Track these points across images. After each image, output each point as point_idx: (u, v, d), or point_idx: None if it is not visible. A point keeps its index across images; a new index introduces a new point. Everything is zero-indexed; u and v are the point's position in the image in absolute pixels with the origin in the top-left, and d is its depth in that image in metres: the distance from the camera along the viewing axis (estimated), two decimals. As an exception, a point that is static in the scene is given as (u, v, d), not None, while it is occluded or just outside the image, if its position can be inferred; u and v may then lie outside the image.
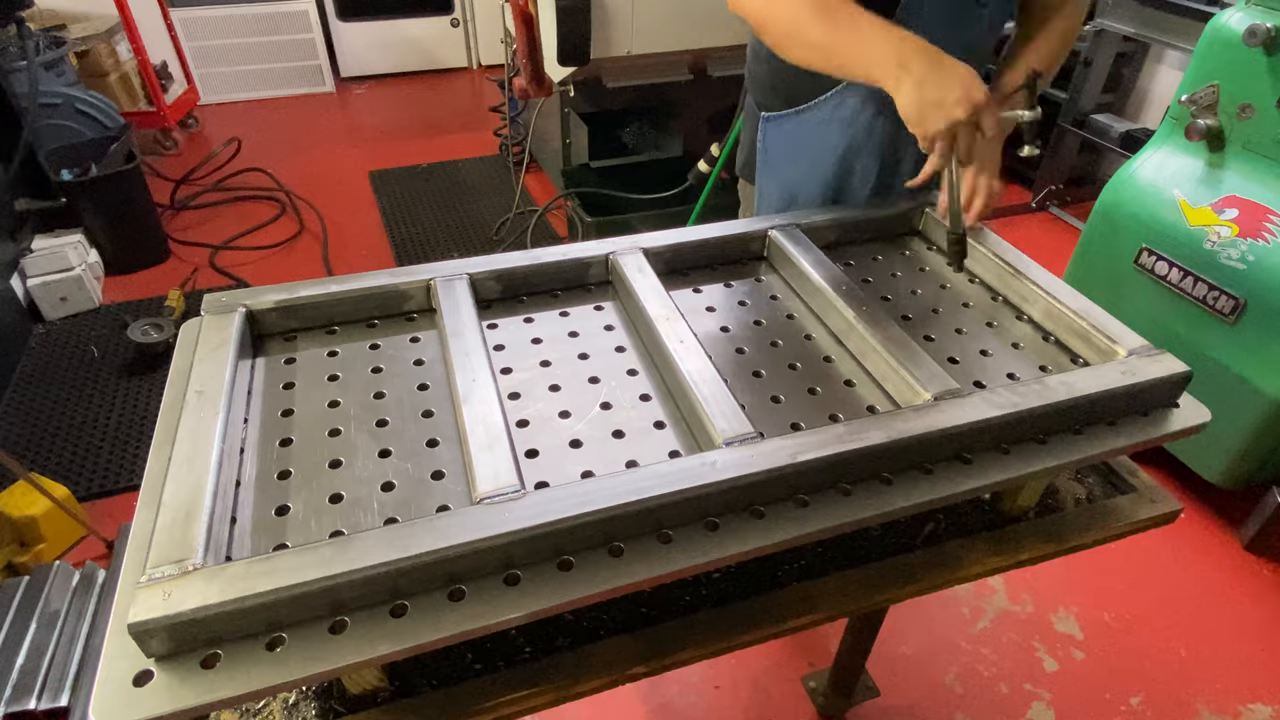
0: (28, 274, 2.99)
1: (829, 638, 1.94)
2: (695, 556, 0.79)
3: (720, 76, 3.34)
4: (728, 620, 0.93)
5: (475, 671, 0.86)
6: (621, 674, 0.87)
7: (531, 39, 3.12)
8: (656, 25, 3.04)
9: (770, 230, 1.28)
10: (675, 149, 3.67)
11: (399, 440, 0.94)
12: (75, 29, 4.00)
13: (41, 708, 1.56)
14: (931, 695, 1.89)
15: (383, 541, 0.73)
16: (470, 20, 5.54)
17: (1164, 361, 1.00)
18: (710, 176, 3.09)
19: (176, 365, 0.98)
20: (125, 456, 2.49)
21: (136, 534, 0.77)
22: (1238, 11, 2.06)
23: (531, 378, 1.05)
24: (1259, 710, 1.88)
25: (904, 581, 0.98)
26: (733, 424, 0.88)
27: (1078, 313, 1.10)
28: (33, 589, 1.79)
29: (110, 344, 2.95)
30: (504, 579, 0.76)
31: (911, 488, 0.87)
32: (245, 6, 4.83)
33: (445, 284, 1.12)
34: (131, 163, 3.30)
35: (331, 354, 1.08)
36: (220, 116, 4.91)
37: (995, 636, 2.02)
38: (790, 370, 1.08)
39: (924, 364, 0.98)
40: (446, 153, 4.50)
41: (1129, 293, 2.32)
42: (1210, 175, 2.15)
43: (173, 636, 0.67)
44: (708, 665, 1.91)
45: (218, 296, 1.07)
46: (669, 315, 1.06)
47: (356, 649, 0.69)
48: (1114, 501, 1.11)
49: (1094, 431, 0.96)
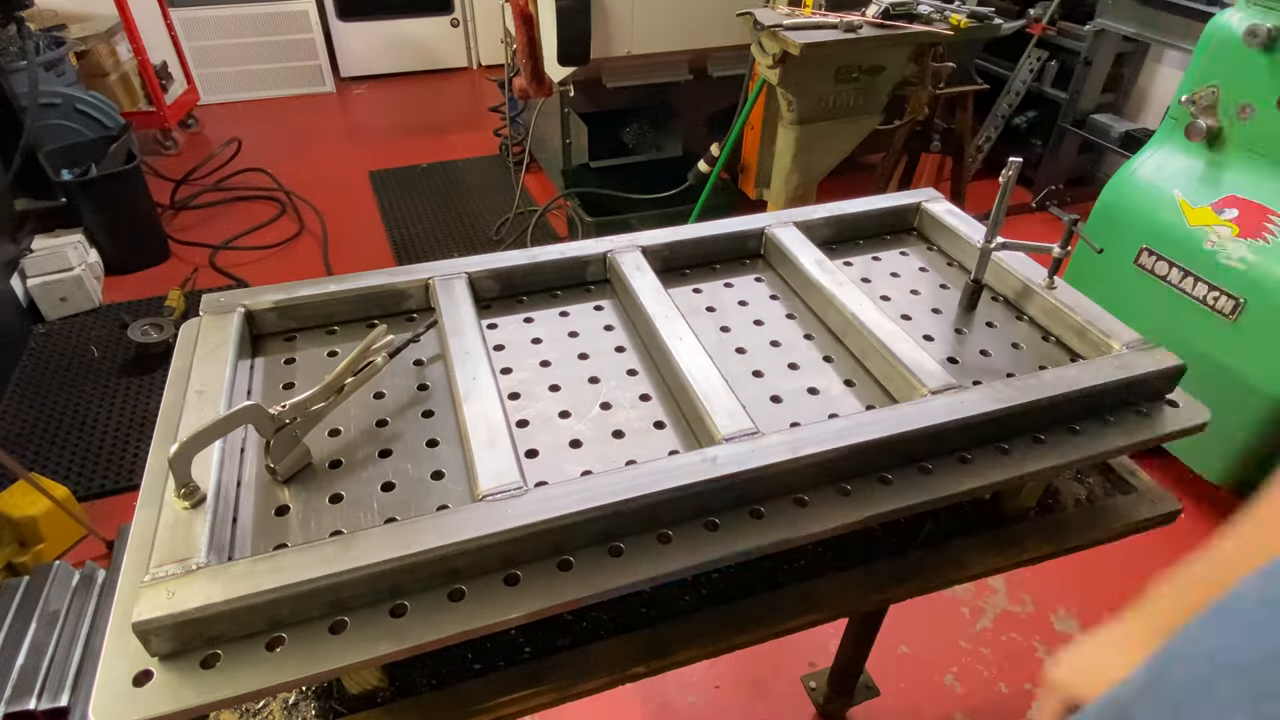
0: (28, 274, 2.99)
1: (829, 638, 1.94)
2: (695, 556, 0.79)
3: (720, 76, 3.34)
4: (728, 620, 0.93)
5: (475, 671, 0.86)
6: (621, 674, 0.87)
7: (531, 39, 3.12)
8: (656, 25, 3.04)
9: (767, 228, 1.28)
10: (675, 149, 3.67)
11: (399, 440, 0.94)
12: (75, 29, 4.00)
13: (41, 708, 1.56)
14: (931, 695, 1.89)
15: (386, 539, 0.73)
16: (470, 20, 5.54)
17: (1158, 355, 1.00)
18: (710, 176, 3.09)
19: (176, 365, 0.98)
20: (125, 456, 2.49)
21: (137, 534, 0.77)
22: (1238, 12, 2.06)
23: (531, 378, 1.05)
24: (1259, 710, 1.88)
25: (904, 581, 0.98)
26: (733, 421, 0.88)
27: (1073, 308, 1.10)
28: (33, 589, 1.79)
29: (110, 344, 2.95)
30: (504, 579, 0.76)
31: (911, 487, 0.87)
32: (245, 6, 4.83)
33: (444, 283, 1.12)
34: (131, 163, 3.30)
35: (331, 354, 1.08)
36: (220, 116, 4.91)
37: (995, 636, 2.02)
38: (790, 370, 1.08)
39: (924, 363, 0.98)
40: (446, 153, 4.50)
41: (1129, 292, 2.32)
42: (1210, 175, 2.15)
43: (176, 635, 0.67)
44: (708, 665, 1.91)
45: (216, 297, 1.07)
46: (668, 314, 1.06)
47: (356, 649, 0.69)
48: (1114, 501, 1.11)
49: (1093, 430, 0.96)
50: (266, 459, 0.87)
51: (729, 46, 3.21)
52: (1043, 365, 1.09)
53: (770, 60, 2.60)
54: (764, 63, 2.66)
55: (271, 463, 0.87)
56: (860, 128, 2.86)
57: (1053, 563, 1.06)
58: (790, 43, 2.48)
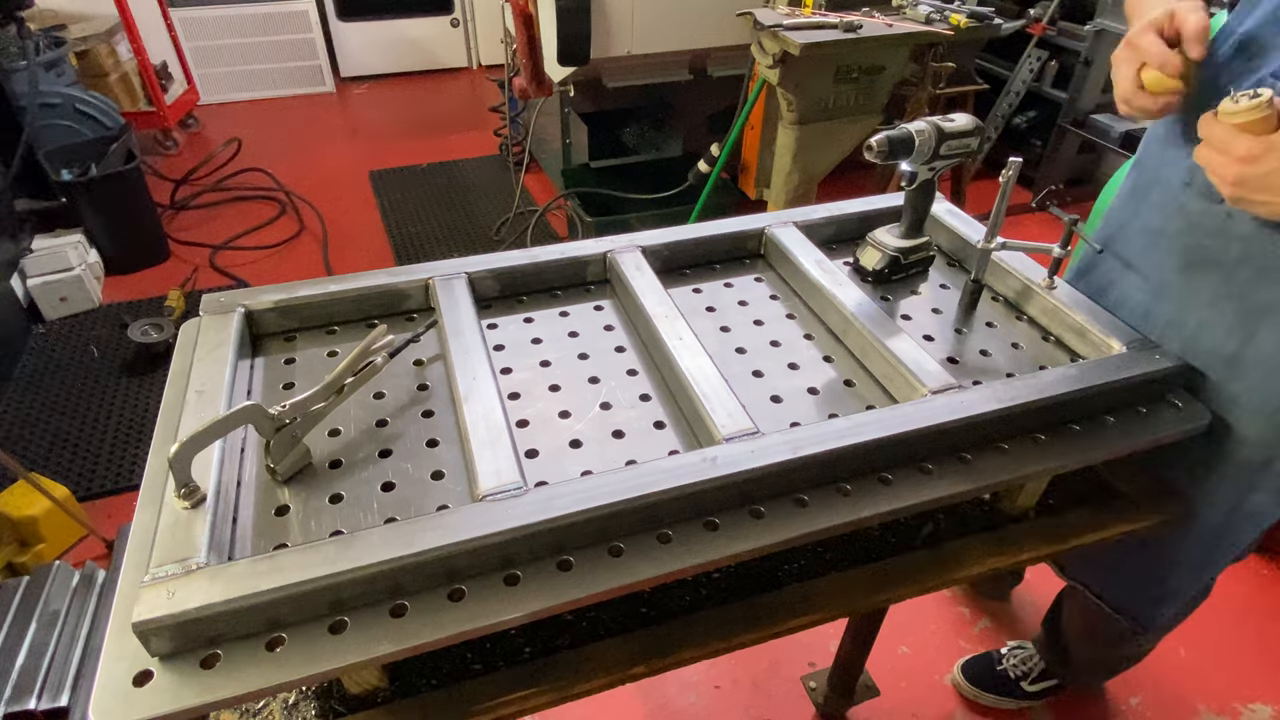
0: (28, 274, 2.99)
1: (829, 638, 1.94)
2: (695, 556, 0.79)
3: (720, 76, 3.33)
4: (728, 620, 0.93)
5: (475, 671, 0.86)
6: (621, 674, 0.87)
7: (531, 39, 3.12)
8: (656, 25, 3.04)
9: (767, 228, 1.28)
10: (675, 149, 3.67)
11: (399, 440, 0.94)
12: (75, 29, 4.00)
13: (41, 708, 1.56)
14: (931, 695, 1.89)
15: (386, 539, 0.73)
16: (470, 20, 5.54)
17: (1157, 356, 1.00)
18: (710, 176, 3.09)
19: (176, 365, 0.98)
20: (125, 456, 2.49)
21: (137, 533, 0.77)
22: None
23: (531, 378, 1.05)
24: (1259, 710, 1.88)
25: (904, 581, 0.98)
26: (733, 421, 0.88)
27: (1073, 308, 1.10)
28: (33, 589, 1.78)
29: (110, 344, 2.95)
30: (504, 579, 0.76)
31: (911, 488, 0.87)
32: (245, 6, 4.83)
33: (444, 283, 1.12)
34: (131, 163, 3.30)
35: (331, 354, 1.08)
36: (220, 116, 4.91)
37: (996, 636, 2.02)
38: (790, 370, 1.08)
39: (924, 363, 0.98)
40: (446, 153, 4.49)
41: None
42: (1210, 175, 2.14)
43: (176, 635, 0.67)
44: (708, 665, 1.91)
45: (216, 297, 1.07)
46: (668, 313, 1.06)
47: (356, 649, 0.69)
48: (1114, 502, 1.11)
49: (1093, 431, 0.96)
50: (266, 459, 0.87)
51: (729, 46, 3.21)
52: (1043, 365, 1.09)
53: (770, 60, 2.60)
54: (764, 63, 2.66)
55: (271, 463, 0.87)
56: (860, 128, 2.86)
57: (1053, 563, 1.06)
58: (790, 43, 2.49)
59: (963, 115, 1.15)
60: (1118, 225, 1.21)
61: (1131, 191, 1.18)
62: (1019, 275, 1.18)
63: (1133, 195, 1.18)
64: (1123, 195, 1.21)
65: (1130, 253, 1.18)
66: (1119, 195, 1.22)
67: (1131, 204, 1.18)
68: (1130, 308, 1.17)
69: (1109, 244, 1.22)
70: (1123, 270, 1.19)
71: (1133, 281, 1.17)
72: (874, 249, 1.23)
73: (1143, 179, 1.16)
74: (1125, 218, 1.19)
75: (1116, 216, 1.22)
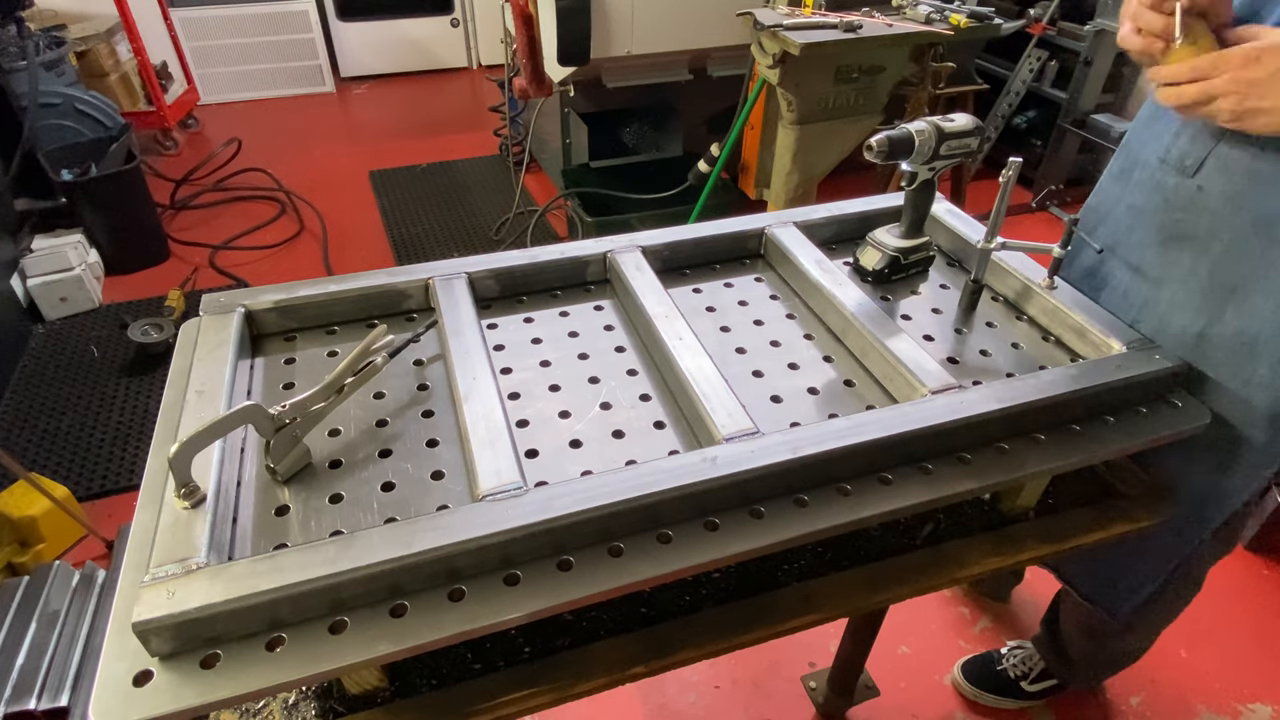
0: (28, 274, 2.99)
1: (829, 638, 1.94)
2: (695, 556, 0.79)
3: (720, 76, 3.34)
4: (728, 620, 0.93)
5: (475, 671, 0.86)
6: (621, 674, 0.87)
7: (531, 39, 3.12)
8: (656, 25, 3.04)
9: (767, 228, 1.28)
10: (675, 149, 3.67)
11: (399, 440, 0.94)
12: (75, 29, 4.00)
13: (41, 708, 1.56)
14: (931, 695, 1.89)
15: (387, 539, 0.73)
16: (470, 20, 5.54)
17: (1158, 356, 1.00)
18: (710, 176, 3.09)
19: (176, 365, 0.98)
20: (125, 456, 2.49)
21: (137, 533, 0.77)
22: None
23: (531, 378, 1.05)
24: (1259, 710, 1.88)
25: (904, 581, 0.98)
26: (733, 421, 0.88)
27: (1073, 308, 1.10)
28: (33, 589, 1.79)
29: (110, 344, 2.95)
30: (504, 579, 0.76)
31: (911, 488, 0.87)
32: (245, 6, 4.83)
33: (444, 283, 1.12)
34: (131, 163, 3.30)
35: (331, 354, 1.08)
36: (220, 116, 4.91)
37: (995, 636, 2.02)
38: (790, 370, 1.08)
39: (924, 363, 0.98)
40: (446, 153, 4.49)
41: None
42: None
43: (176, 635, 0.67)
44: (708, 665, 1.91)
45: (216, 297, 1.07)
46: (668, 313, 1.06)
47: (356, 649, 0.69)
48: (1114, 502, 1.11)
49: (1093, 431, 0.96)
50: (266, 459, 0.87)
51: (729, 46, 3.21)
52: (1043, 365, 1.09)
53: (770, 60, 2.60)
54: (764, 63, 2.66)
55: (271, 463, 0.87)
56: (860, 128, 2.86)
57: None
58: (790, 43, 2.49)
59: (963, 115, 1.15)
60: (1104, 208, 1.23)
61: (1118, 174, 1.21)
62: (1019, 275, 1.18)
63: (1119, 177, 1.20)
64: (1109, 177, 1.23)
65: (1114, 234, 1.20)
66: (1105, 177, 1.24)
67: (1117, 186, 1.20)
68: (1112, 287, 1.19)
69: (1095, 226, 1.24)
70: (1108, 252, 1.21)
71: (1115, 262, 1.19)
72: (874, 249, 1.23)
73: (1128, 161, 1.18)
74: (1110, 202, 1.22)
75: (1103, 199, 1.24)
